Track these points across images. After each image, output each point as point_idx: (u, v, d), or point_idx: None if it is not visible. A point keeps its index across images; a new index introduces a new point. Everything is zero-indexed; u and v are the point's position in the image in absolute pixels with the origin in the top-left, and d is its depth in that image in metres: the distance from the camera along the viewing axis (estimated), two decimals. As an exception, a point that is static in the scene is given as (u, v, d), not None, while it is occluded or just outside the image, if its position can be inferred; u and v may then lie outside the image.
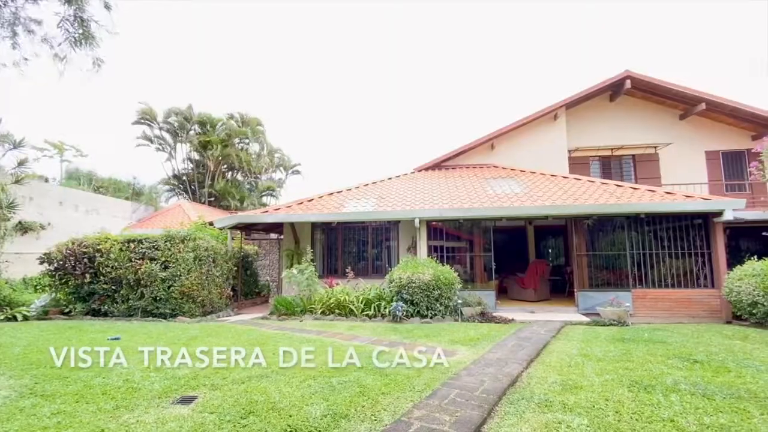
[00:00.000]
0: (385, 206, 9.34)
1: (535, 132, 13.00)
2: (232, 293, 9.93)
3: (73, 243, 8.53)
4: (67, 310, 8.33)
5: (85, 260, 8.36)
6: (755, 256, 7.26)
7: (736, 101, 11.71)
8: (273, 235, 14.37)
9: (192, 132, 24.93)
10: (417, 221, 8.75)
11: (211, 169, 24.69)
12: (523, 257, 12.88)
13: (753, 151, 11.94)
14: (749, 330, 6.42)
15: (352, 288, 8.49)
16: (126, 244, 8.45)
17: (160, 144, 24.73)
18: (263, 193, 27.79)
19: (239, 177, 27.58)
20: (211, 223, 11.04)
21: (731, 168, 12.64)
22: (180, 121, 24.30)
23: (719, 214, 7.84)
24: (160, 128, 24.41)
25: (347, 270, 9.14)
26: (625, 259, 8.57)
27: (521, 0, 45.79)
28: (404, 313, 7.29)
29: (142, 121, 23.66)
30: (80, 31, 5.58)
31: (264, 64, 58.66)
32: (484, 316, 7.73)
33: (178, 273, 8.14)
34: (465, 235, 9.79)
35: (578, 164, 13.01)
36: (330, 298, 7.91)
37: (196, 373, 4.07)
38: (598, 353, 4.82)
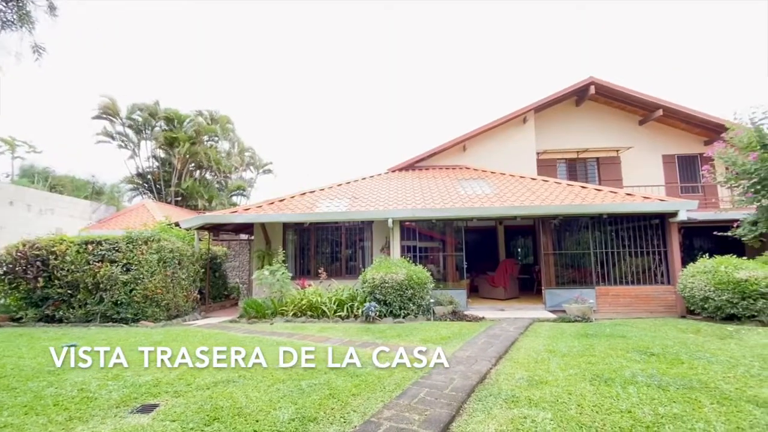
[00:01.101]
0: (358, 206, 9.31)
1: (505, 134, 13.32)
2: (199, 296, 9.60)
3: (24, 245, 7.98)
4: (18, 317, 7.78)
5: (38, 263, 7.84)
6: (707, 254, 7.74)
7: (690, 108, 12.46)
8: (243, 236, 14.02)
9: (158, 129, 23.94)
10: (390, 221, 8.77)
11: (178, 167, 23.79)
12: (493, 256, 13.17)
13: (705, 155, 12.76)
14: (701, 324, 6.83)
15: (324, 289, 8.40)
16: (84, 246, 8.00)
17: (122, 141, 23.59)
18: (233, 193, 27.09)
19: (208, 176, 26.73)
20: (177, 224, 10.62)
21: (686, 171, 13.43)
22: (145, 117, 23.28)
23: (674, 214, 8.30)
24: (123, 124, 23.29)
25: (320, 271, 9.03)
26: (589, 258, 8.93)
27: (496, 5, 46.92)
28: (377, 313, 7.28)
29: (104, 116, 22.49)
30: (16, 10, 5.09)
31: (238, 64, 57.17)
32: (456, 315, 7.85)
33: (141, 276, 7.78)
34: (437, 235, 9.90)
35: (546, 166, 13.45)
36: (302, 300, 7.79)
37: (158, 380, 3.89)
38: (563, 349, 4.98)
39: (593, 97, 13.17)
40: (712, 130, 12.51)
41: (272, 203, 9.88)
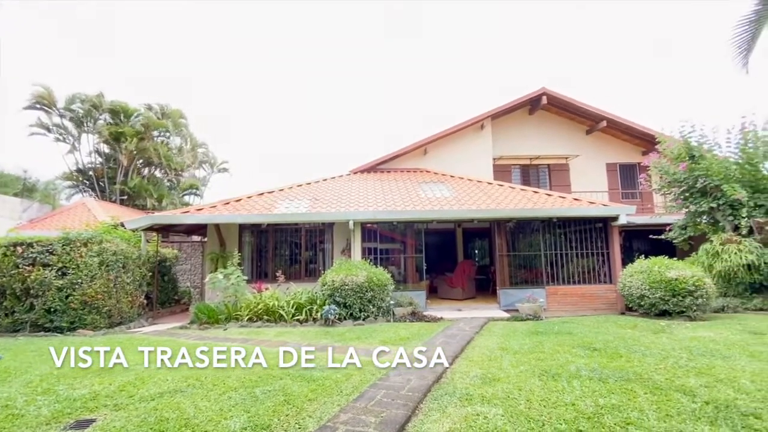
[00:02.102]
0: (319, 207, 9.18)
1: (464, 140, 13.73)
2: (146, 301, 9.02)
3: (-63, 247, 7.10)
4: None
5: (-46, 267, 7.01)
6: (643, 256, 8.40)
7: (630, 121, 13.52)
8: (196, 238, 13.36)
9: (101, 122, 22.26)
10: (351, 223, 8.73)
11: (125, 164, 22.25)
12: (452, 258, 13.51)
13: (642, 164, 13.88)
14: (638, 319, 7.39)
15: (282, 293, 8.19)
16: (12, 248, 7.26)
17: (60, 134, 21.69)
18: (185, 192, 25.77)
19: (158, 174, 25.22)
20: (122, 224, 9.92)
21: (626, 178, 14.54)
22: (86, 109, 21.56)
23: (615, 218, 8.95)
24: (61, 115, 21.42)
25: (278, 274, 8.80)
26: (540, 259, 9.40)
27: (457, 10, 48.28)
28: (337, 316, 7.21)
29: (38, 106, 20.57)
30: None
31: (193, 60, 54.51)
32: (415, 316, 7.95)
33: (79, 280, 7.18)
34: (398, 236, 10.00)
35: (501, 171, 14.02)
36: (258, 304, 7.54)
37: (95, 393, 3.60)
38: (515, 346, 5.19)
39: (545, 107, 13.92)
40: (649, 142, 13.62)
41: (227, 203, 9.50)
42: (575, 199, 9.71)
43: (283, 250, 10.19)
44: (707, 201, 9.04)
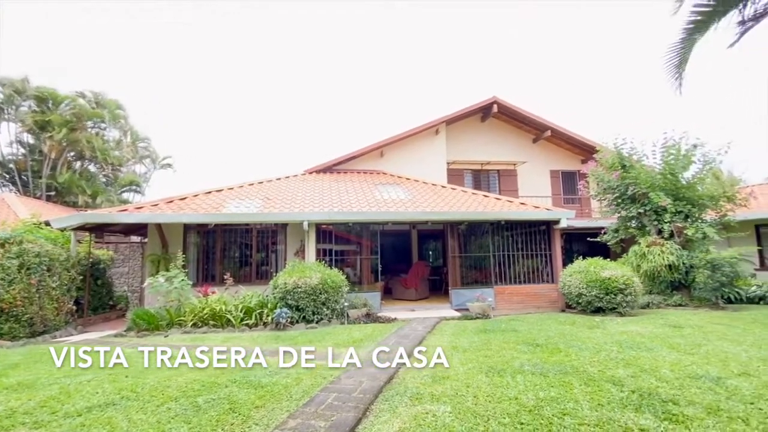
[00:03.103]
0: (271, 207, 8.89)
1: (419, 143, 14.00)
2: (75, 308, 8.21)
3: None
4: None
5: None
6: (582, 257, 9.04)
7: (571, 131, 14.53)
8: (135, 238, 12.41)
9: (25, 108, 20.03)
10: (306, 224, 8.55)
11: (52, 156, 20.15)
12: (407, 259, 13.70)
13: (581, 172, 14.98)
14: (576, 316, 7.94)
15: (231, 296, 7.84)
16: None
17: (-27, 120, 19.21)
18: (124, 189, 23.87)
19: (92, 168, 23.12)
20: (47, 223, 8.97)
21: (567, 184, 15.58)
22: (7, 94, 19.29)
23: (557, 222, 9.55)
24: (-25, 100, 19.00)
25: (226, 277, 8.40)
26: (490, 260, 9.79)
27: (416, 14, 49.20)
28: (289, 319, 7.02)
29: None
30: None
31: (144, 53, 50.69)
32: (370, 317, 7.95)
33: (-7, 285, 6.38)
34: (354, 238, 9.95)
35: (455, 175, 14.46)
36: (203, 309, 7.14)
37: (12, 410, 3.22)
38: (464, 344, 5.36)
39: (496, 114, 14.57)
40: (588, 151, 14.70)
41: (171, 201, 8.92)
42: (522, 204, 10.24)
43: (232, 251, 9.75)
44: (636, 207, 9.95)
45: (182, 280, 7.46)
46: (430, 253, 15.87)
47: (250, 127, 60.25)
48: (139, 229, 10.18)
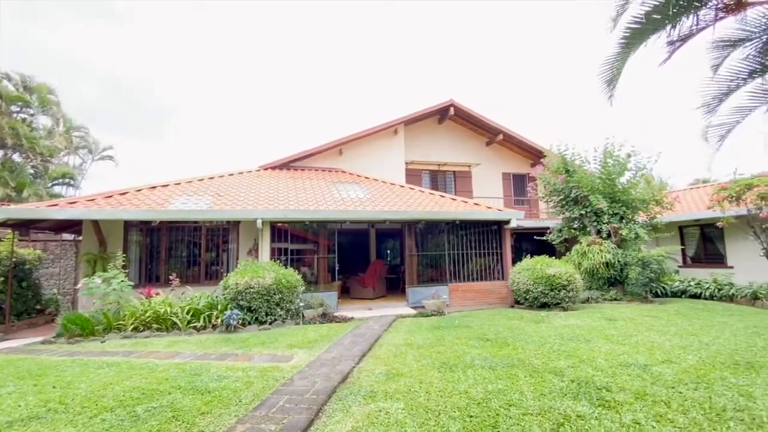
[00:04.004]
0: (222, 204, 8.50)
1: (378, 143, 14.04)
2: (-7, 313, 7.36)
3: None
4: None
5: None
6: (530, 255, 9.53)
7: (522, 136, 15.26)
8: (67, 236, 11.34)
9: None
10: (259, 222, 8.26)
11: (-32, 144, 17.92)
12: (365, 258, 13.71)
13: (530, 175, 15.81)
14: (524, 311, 8.35)
15: (177, 298, 7.41)
16: None
17: None
18: (56, 182, 21.72)
19: (17, 158, 20.80)
20: (-41, 219, 7.95)
21: (518, 186, 16.36)
22: None
23: (508, 222, 10.00)
24: None
25: (171, 277, 7.91)
26: (445, 258, 10.05)
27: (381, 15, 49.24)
28: (240, 321, 6.75)
29: None
30: None
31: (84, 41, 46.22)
32: (326, 317, 7.86)
33: None
34: (311, 236, 9.78)
35: (413, 175, 14.68)
36: (146, 312, 6.67)
37: None
38: (419, 341, 5.46)
39: (453, 117, 14.97)
40: (537, 155, 15.54)
41: (110, 196, 8.25)
42: (476, 204, 10.60)
43: (179, 251, 9.20)
44: (578, 208, 10.67)
45: (122, 281, 6.92)
46: (388, 251, 15.99)
47: (203, 123, 57.29)
48: (73, 225, 9.31)
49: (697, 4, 4.44)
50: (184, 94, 56.96)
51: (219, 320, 6.77)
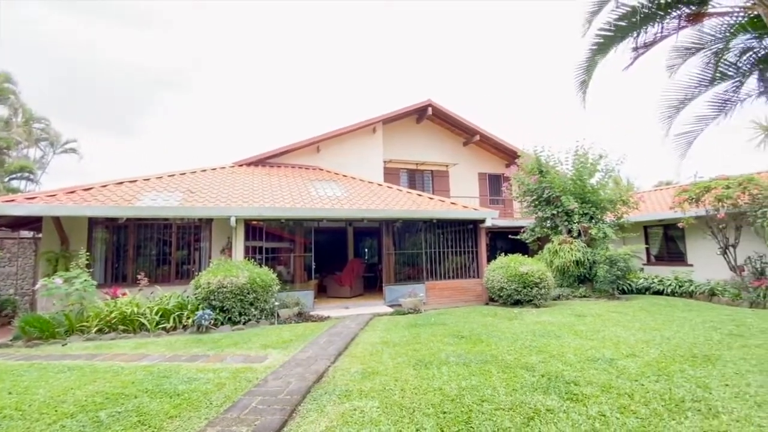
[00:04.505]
0: (194, 201, 8.24)
1: (356, 141, 13.98)
2: (-59, 316, 6.86)
3: None
4: None
5: None
6: (504, 253, 9.73)
7: (498, 137, 15.56)
8: (26, 233, 10.71)
9: None
10: (233, 220, 8.06)
11: None
12: (343, 256, 13.63)
13: (505, 175, 16.15)
14: (498, 308, 8.53)
15: (146, 298, 7.13)
16: None
17: None
18: (13, 176, 20.46)
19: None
20: None
21: (493, 186, 16.68)
22: None
23: (483, 221, 10.17)
24: None
25: (140, 276, 7.61)
26: (422, 257, 10.12)
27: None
28: (212, 321, 6.57)
29: None
30: None
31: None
32: (302, 316, 7.77)
33: None
34: (287, 235, 9.62)
35: (391, 174, 14.70)
36: (111, 312, 6.39)
37: None
38: (395, 339, 5.47)
39: (431, 117, 15.09)
40: (512, 156, 15.86)
41: (73, 192, 7.84)
42: (452, 203, 10.73)
43: (148, 249, 8.85)
44: (550, 208, 10.98)
45: (85, 280, 6.59)
46: (366, 250, 15.96)
47: (177, 121, 55.39)
48: (32, 222, 8.80)
49: (662, 13, 4.65)
50: (158, 89, 54.85)
51: (190, 321, 6.56)
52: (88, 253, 7.35)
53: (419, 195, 11.06)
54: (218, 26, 54.90)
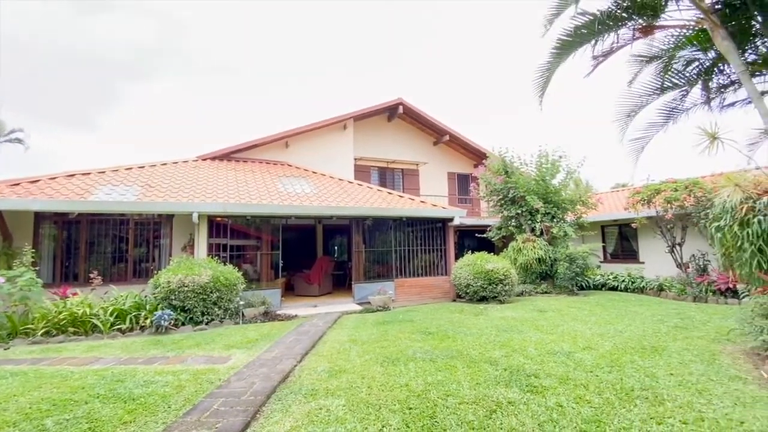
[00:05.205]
0: (154, 196, 7.84)
1: (327, 137, 13.83)
2: None
3: None
4: None
5: None
6: (471, 251, 9.96)
7: (466, 137, 15.87)
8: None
9: None
10: (196, 216, 7.74)
11: None
12: (312, 254, 13.45)
13: (473, 175, 16.50)
14: (465, 305, 8.73)
15: (100, 298, 6.73)
16: None
17: None
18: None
19: None
20: None
21: (462, 186, 17.01)
22: None
23: (452, 219, 10.36)
24: None
25: (92, 275, 7.17)
26: (392, 255, 10.18)
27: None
28: (172, 322, 6.29)
29: None
30: None
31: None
32: (268, 316, 7.60)
33: None
34: (253, 232, 9.37)
35: (362, 171, 14.66)
36: (60, 313, 5.98)
37: None
38: (364, 337, 5.47)
39: (401, 116, 15.16)
40: (479, 156, 16.24)
41: (17, 185, 7.26)
42: (422, 202, 10.85)
43: (102, 246, 8.34)
44: (515, 208, 11.35)
45: (30, 278, 6.12)
46: (336, 248, 15.84)
47: (141, 117, 52.48)
48: (-32, 217, 8.06)
49: (618, 23, 4.91)
50: (122, 82, 51.73)
51: (148, 321, 6.25)
52: (33, 251, 6.84)
53: (390, 193, 11.10)
54: (187, 16, 52.48)
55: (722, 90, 5.54)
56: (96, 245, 8.29)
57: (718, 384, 3.38)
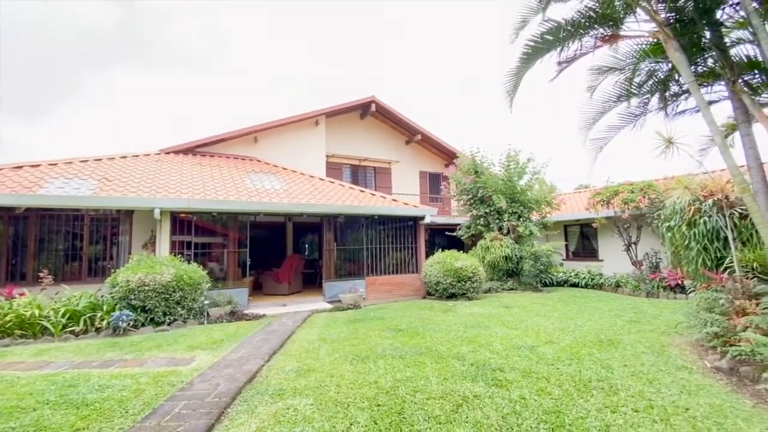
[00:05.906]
0: (111, 190, 7.43)
1: (298, 133, 13.60)
2: None
3: None
4: None
5: None
6: (441, 249, 10.11)
7: (439, 138, 16.09)
8: None
9: None
10: (158, 212, 7.39)
11: None
12: (281, 252, 13.20)
13: (444, 175, 16.77)
14: (435, 302, 8.86)
15: (49, 298, 6.31)
16: None
17: None
18: None
19: None
20: None
21: (433, 185, 17.24)
22: None
23: (423, 218, 10.48)
24: None
25: (42, 274, 6.70)
26: (363, 252, 10.17)
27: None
28: (131, 323, 5.99)
29: None
30: None
31: None
32: (234, 315, 7.40)
33: None
34: (220, 229, 9.07)
35: (334, 168, 14.54)
36: (6, 315, 5.55)
37: None
38: (333, 335, 5.44)
39: (374, 114, 15.15)
40: (450, 156, 16.51)
41: (-45, 176, 6.68)
42: (394, 200, 10.90)
43: (54, 243, 7.81)
44: (483, 207, 11.63)
45: (-30, 279, 5.65)
46: (306, 246, 15.63)
47: (101, 109, 49.38)
48: None
49: (582, 31, 5.13)
50: (81, 70, 48.37)
51: (105, 323, 5.92)
52: (-26, 248, 6.31)
53: (362, 191, 11.08)
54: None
55: (675, 98, 5.91)
56: (47, 242, 7.76)
57: (667, 374, 3.62)
